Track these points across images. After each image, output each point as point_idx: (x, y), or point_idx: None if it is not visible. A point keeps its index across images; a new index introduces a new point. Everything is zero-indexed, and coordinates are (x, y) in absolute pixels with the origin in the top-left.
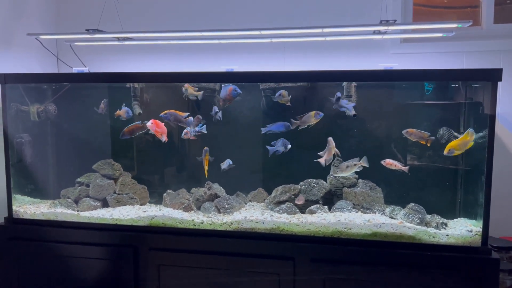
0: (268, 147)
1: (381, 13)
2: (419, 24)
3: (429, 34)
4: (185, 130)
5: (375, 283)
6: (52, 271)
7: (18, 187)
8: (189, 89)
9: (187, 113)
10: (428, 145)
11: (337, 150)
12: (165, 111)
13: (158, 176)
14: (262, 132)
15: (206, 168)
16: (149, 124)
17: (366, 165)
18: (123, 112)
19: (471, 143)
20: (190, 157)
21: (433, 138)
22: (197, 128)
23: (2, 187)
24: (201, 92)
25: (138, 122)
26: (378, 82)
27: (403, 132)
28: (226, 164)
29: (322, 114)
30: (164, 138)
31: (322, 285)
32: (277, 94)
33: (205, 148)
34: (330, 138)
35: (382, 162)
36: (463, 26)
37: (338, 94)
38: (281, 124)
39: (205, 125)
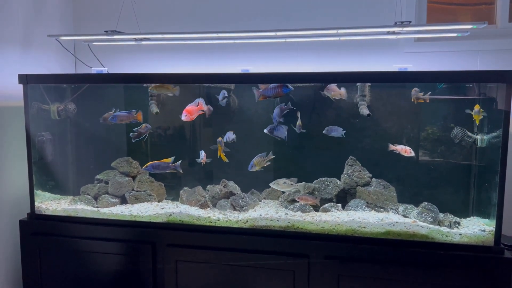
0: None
1: (395, 12)
2: (434, 25)
3: (443, 34)
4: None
5: (388, 281)
6: (73, 265)
7: (39, 184)
8: (163, 89)
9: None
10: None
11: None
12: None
13: (174, 173)
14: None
15: (221, 154)
16: (184, 117)
17: (302, 191)
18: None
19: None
20: (206, 154)
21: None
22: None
23: (24, 184)
24: (177, 88)
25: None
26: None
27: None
28: (201, 156)
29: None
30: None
31: (336, 282)
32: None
33: (219, 139)
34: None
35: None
36: (478, 27)
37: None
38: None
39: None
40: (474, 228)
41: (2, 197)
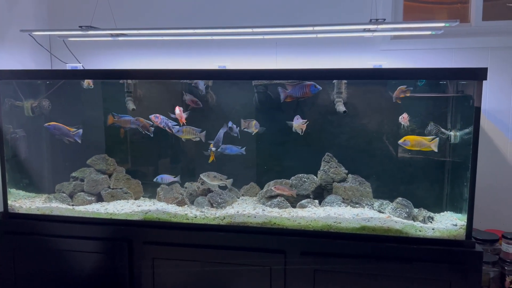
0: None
1: (371, 10)
2: (408, 23)
3: (417, 32)
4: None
5: (364, 275)
6: (48, 264)
7: (13, 182)
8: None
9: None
10: (435, 150)
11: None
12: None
13: (151, 170)
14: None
15: (212, 159)
16: (177, 112)
17: (229, 186)
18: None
19: (429, 148)
20: (183, 152)
21: (437, 139)
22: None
23: None
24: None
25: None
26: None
27: (400, 143)
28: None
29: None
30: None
31: (312, 277)
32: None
33: (211, 146)
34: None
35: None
36: (451, 25)
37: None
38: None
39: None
40: (447, 223)
41: None
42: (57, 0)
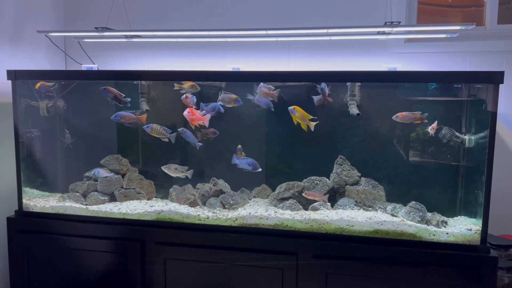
0: (236, 159)
1: (386, 13)
2: (423, 26)
3: (432, 35)
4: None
5: (376, 279)
6: (61, 263)
7: (27, 181)
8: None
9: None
10: (425, 121)
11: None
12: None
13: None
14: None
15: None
16: (186, 113)
17: (190, 177)
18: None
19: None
20: (196, 152)
21: (426, 114)
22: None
23: (12, 181)
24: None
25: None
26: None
27: (393, 117)
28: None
29: (241, 102)
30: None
31: (324, 280)
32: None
33: (239, 146)
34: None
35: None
36: (467, 28)
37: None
38: (250, 162)
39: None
40: (461, 228)
41: None
42: (72, 2)
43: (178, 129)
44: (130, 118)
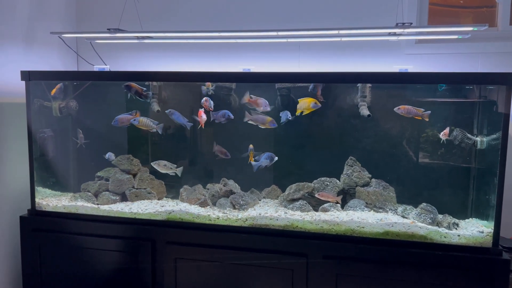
0: (252, 163)
1: (397, 13)
2: (435, 27)
3: (444, 36)
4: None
5: (386, 281)
6: (72, 262)
7: (40, 180)
8: None
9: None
10: (426, 119)
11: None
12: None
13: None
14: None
15: (252, 160)
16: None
17: (179, 174)
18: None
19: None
20: (206, 153)
21: (429, 112)
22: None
23: (25, 180)
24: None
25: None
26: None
27: (395, 109)
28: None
29: (276, 124)
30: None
31: (334, 281)
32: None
33: (250, 146)
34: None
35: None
36: (479, 29)
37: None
38: (267, 156)
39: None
40: (473, 230)
41: (3, 193)
42: (85, 2)
43: (166, 111)
44: (128, 119)
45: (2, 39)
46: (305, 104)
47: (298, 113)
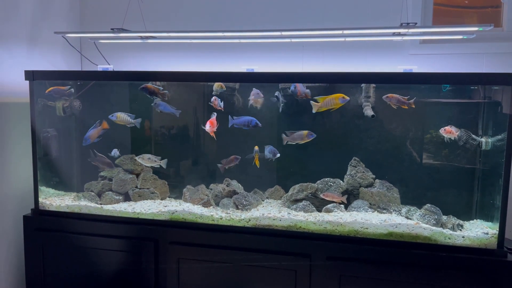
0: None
1: (401, 13)
2: (439, 27)
3: (449, 36)
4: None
5: (390, 282)
6: (75, 261)
7: (43, 180)
8: None
9: None
10: (413, 106)
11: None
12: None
13: (177, 171)
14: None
15: (257, 161)
16: (208, 127)
17: (164, 166)
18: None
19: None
20: (209, 153)
21: (413, 99)
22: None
23: (29, 180)
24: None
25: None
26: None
27: (384, 97)
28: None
29: (314, 135)
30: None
31: (338, 282)
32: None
33: (256, 148)
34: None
35: (442, 130)
36: (485, 30)
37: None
38: (270, 149)
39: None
40: (477, 231)
41: (7, 193)
42: (88, 2)
43: (152, 104)
44: (98, 131)
45: (6, 39)
46: (333, 101)
47: (321, 110)
